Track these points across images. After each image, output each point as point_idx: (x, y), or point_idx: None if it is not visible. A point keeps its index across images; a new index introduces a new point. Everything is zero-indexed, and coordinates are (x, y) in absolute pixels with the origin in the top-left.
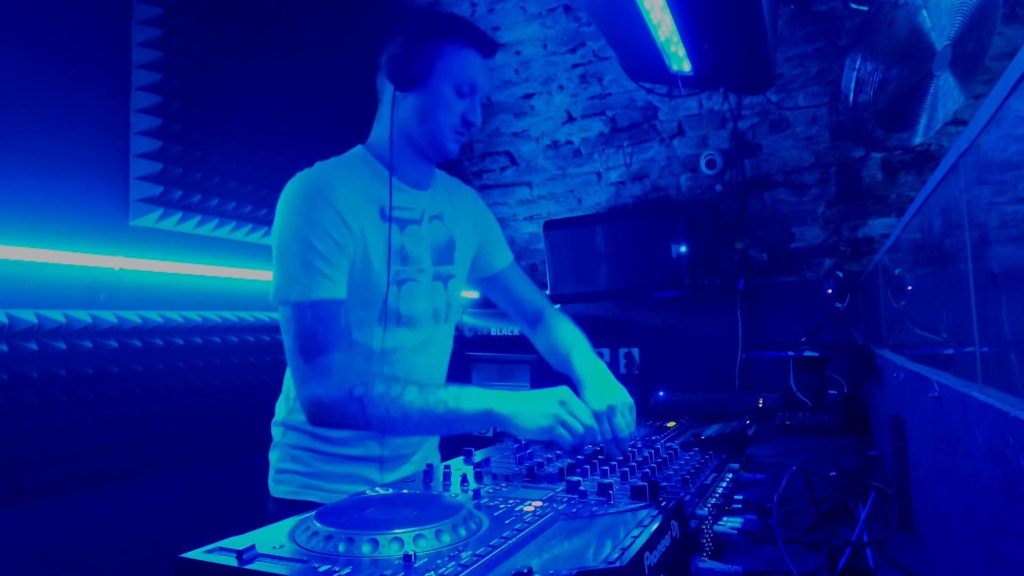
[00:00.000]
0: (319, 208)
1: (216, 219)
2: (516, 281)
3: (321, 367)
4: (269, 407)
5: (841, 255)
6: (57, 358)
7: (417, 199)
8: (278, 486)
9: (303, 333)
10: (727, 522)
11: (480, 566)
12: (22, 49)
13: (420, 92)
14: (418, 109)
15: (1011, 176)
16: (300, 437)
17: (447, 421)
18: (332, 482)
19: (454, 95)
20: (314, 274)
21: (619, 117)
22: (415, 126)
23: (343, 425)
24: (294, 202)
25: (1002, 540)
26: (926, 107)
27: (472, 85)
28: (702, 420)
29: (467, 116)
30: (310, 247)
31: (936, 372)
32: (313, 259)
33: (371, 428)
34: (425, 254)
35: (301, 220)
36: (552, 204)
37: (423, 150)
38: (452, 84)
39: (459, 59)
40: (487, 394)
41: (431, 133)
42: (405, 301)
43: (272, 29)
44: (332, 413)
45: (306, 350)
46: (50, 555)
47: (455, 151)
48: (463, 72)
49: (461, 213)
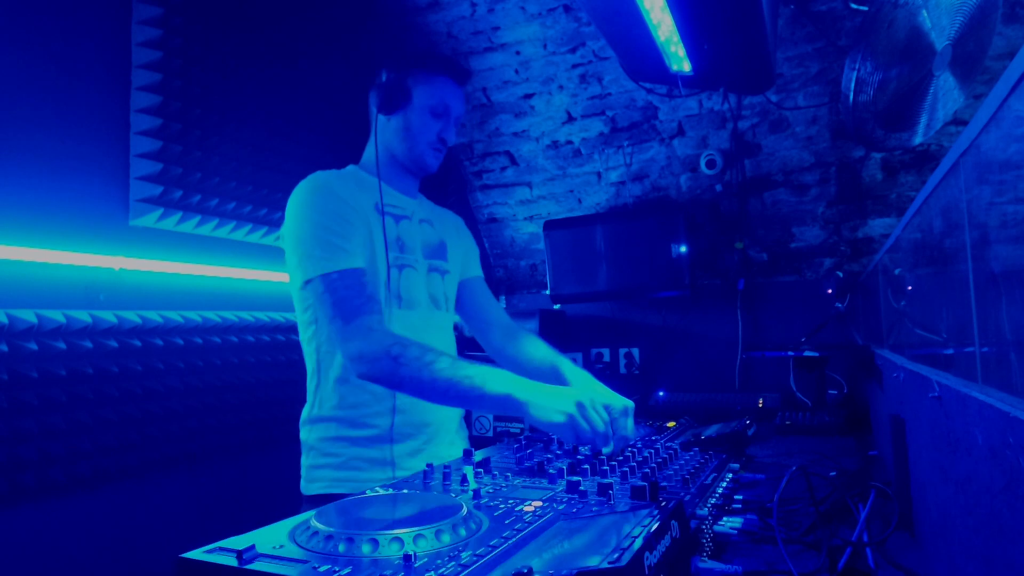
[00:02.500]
0: (329, 199)
1: (216, 219)
2: (487, 294)
3: (362, 326)
4: (269, 407)
5: (841, 255)
6: (57, 358)
7: (407, 203)
8: (310, 484)
9: (338, 300)
10: (727, 522)
11: (480, 566)
12: (22, 49)
13: (401, 115)
14: (400, 129)
15: (1011, 176)
16: (327, 427)
17: (470, 397)
18: (363, 470)
19: (430, 117)
20: (335, 249)
21: (619, 117)
22: (398, 144)
23: (380, 380)
24: (305, 198)
25: (1002, 540)
26: (926, 107)
27: (446, 107)
28: (702, 420)
29: (442, 134)
30: (327, 228)
31: (936, 372)
32: (331, 238)
33: (402, 388)
34: (418, 248)
35: (314, 210)
36: (552, 204)
37: (406, 165)
38: (428, 107)
39: (434, 86)
40: (512, 379)
41: (411, 150)
42: (405, 285)
43: (272, 29)
44: (373, 366)
45: (345, 313)
46: (50, 555)
47: (434, 166)
48: (436, 96)
49: (450, 227)
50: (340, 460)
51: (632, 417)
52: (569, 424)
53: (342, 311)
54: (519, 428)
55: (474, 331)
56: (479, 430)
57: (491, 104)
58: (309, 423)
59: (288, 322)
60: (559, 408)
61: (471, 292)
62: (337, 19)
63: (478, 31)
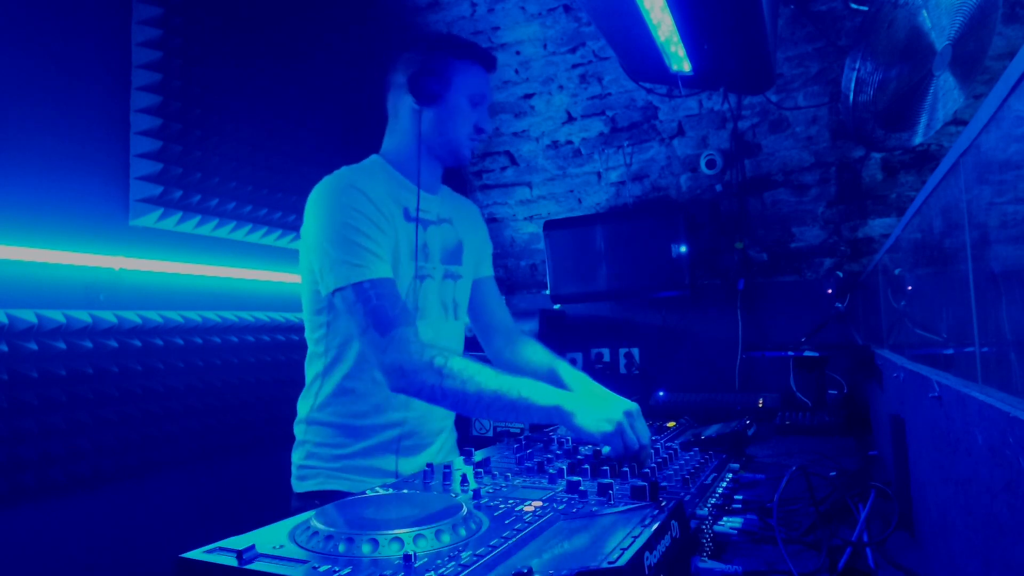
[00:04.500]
0: (356, 200)
1: (216, 219)
2: (495, 295)
3: (400, 337)
4: (270, 407)
5: (841, 255)
6: (57, 358)
7: (431, 203)
8: (302, 482)
9: (372, 310)
10: (727, 522)
11: (480, 566)
12: (22, 49)
13: (438, 106)
14: (437, 121)
15: (1011, 176)
16: (325, 432)
17: (517, 408)
18: (357, 474)
19: (468, 106)
20: (366, 255)
21: (619, 117)
22: (435, 136)
23: (420, 394)
24: (330, 198)
25: (1002, 540)
26: (926, 107)
27: (482, 96)
28: (702, 420)
29: (479, 124)
30: (357, 231)
31: (936, 372)
32: (362, 242)
33: (443, 402)
34: (437, 253)
35: (342, 211)
36: (552, 204)
37: (441, 157)
38: (466, 96)
39: (471, 74)
40: (556, 391)
41: (450, 142)
42: (422, 295)
43: (272, 29)
44: (412, 380)
45: (380, 324)
46: (50, 555)
47: (468, 156)
48: (475, 85)
49: (467, 221)
50: (336, 466)
51: (642, 419)
52: (618, 432)
53: (376, 321)
54: (519, 428)
55: (476, 331)
56: (479, 430)
57: (491, 104)
58: (307, 423)
59: (288, 322)
60: (608, 417)
61: (480, 293)
62: (337, 19)
63: (478, 31)
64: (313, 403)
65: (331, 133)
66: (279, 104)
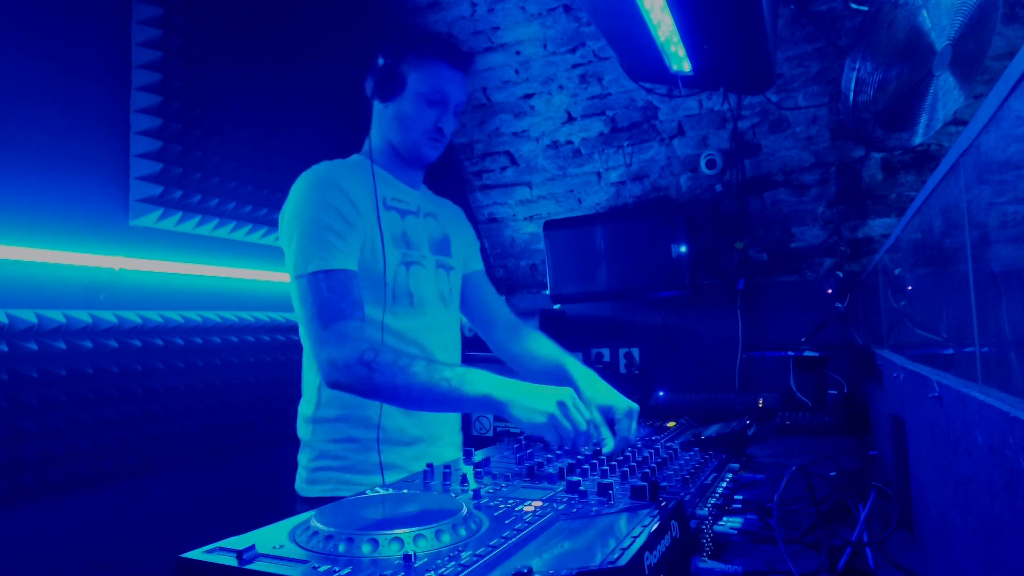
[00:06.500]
0: (330, 192)
1: (216, 219)
2: (489, 288)
3: (338, 332)
4: (270, 407)
5: (841, 255)
6: (57, 358)
7: (411, 195)
8: (311, 486)
9: (320, 300)
10: (727, 522)
11: (480, 566)
12: (22, 49)
13: (397, 103)
14: (395, 119)
15: (1011, 176)
16: (332, 429)
17: (448, 400)
18: (368, 474)
19: (425, 105)
20: (327, 247)
21: (619, 117)
22: (394, 133)
23: (352, 389)
24: (306, 189)
25: (1002, 540)
26: (926, 107)
27: (442, 94)
28: (702, 420)
29: (439, 123)
30: (323, 224)
31: (936, 372)
32: (326, 234)
33: (376, 396)
34: (424, 243)
35: (314, 203)
36: (552, 204)
37: (403, 155)
38: (423, 94)
39: (429, 72)
40: (491, 379)
41: (407, 139)
42: (414, 283)
43: (272, 29)
44: (344, 374)
45: (323, 316)
46: (50, 555)
47: (432, 156)
48: (433, 84)
49: (452, 218)
50: (347, 463)
51: (636, 420)
52: (550, 424)
53: (320, 312)
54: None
55: (477, 327)
56: (479, 430)
57: (491, 104)
58: (312, 422)
59: (288, 322)
60: (540, 408)
61: (474, 287)
62: (337, 19)
63: (478, 31)
64: (317, 400)
65: (331, 133)
66: (279, 104)
